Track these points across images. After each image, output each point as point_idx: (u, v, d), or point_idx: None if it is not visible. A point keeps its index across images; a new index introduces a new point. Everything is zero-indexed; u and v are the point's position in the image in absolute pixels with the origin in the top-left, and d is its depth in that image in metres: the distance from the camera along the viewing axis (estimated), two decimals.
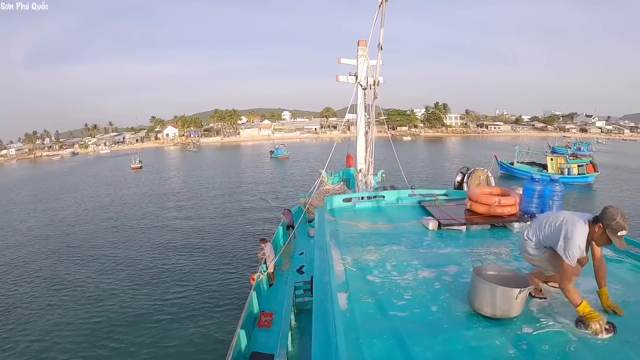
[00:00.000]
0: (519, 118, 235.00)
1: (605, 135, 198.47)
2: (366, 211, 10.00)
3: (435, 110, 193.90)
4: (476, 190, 9.52)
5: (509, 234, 8.17)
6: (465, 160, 75.21)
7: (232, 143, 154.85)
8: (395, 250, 7.02)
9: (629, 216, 15.94)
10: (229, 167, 70.73)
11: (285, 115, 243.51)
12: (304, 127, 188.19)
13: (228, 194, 43.81)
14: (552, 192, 8.49)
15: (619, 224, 4.17)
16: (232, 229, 29.22)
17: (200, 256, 23.83)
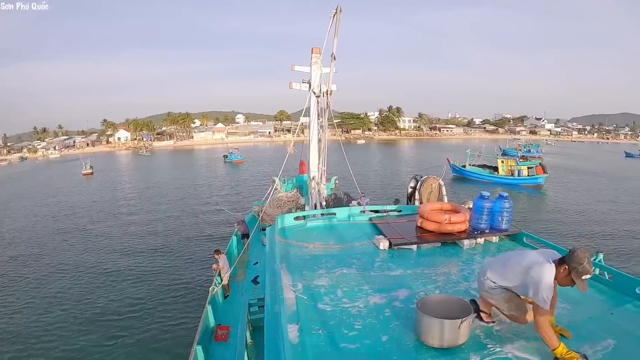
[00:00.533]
0: (471, 121, 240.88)
1: (554, 137, 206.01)
2: (317, 230, 9.94)
3: (389, 113, 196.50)
4: (427, 207, 9.65)
5: (459, 251, 8.38)
6: (418, 164, 76.72)
7: (186, 147, 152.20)
8: (347, 273, 7.02)
9: (577, 216, 16.80)
10: (183, 173, 69.35)
11: (239, 118, 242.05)
12: (257, 131, 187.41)
13: (181, 201, 42.89)
14: (502, 208, 8.79)
15: (585, 268, 4.17)
16: (187, 239, 28.59)
17: (153, 270, 23.17)
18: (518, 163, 55.26)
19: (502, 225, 8.87)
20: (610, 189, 54.29)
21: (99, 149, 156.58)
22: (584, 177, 64.68)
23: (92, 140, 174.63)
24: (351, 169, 18.82)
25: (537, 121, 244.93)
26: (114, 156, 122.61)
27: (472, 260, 7.90)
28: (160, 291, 20.09)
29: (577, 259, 4.18)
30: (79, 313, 18.38)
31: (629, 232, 31.97)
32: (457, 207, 9.71)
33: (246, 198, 41.63)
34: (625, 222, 35.38)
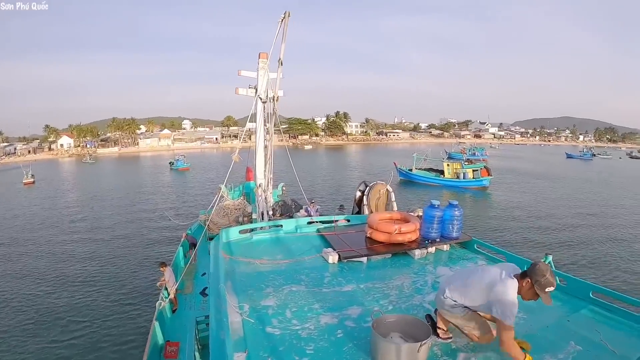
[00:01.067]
0: (417, 126, 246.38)
1: (498, 141, 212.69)
2: (264, 243, 9.73)
3: (336, 118, 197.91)
4: (376, 217, 9.60)
5: (410, 262, 8.40)
6: (366, 169, 77.53)
7: (131, 154, 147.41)
8: (295, 291, 6.83)
9: (522, 217, 17.40)
10: (127, 181, 66.74)
11: (185, 124, 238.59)
12: (204, 137, 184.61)
13: (126, 211, 41.14)
14: (452, 217, 8.98)
15: (548, 280, 4.21)
16: (131, 252, 27.32)
17: (96, 284, 22.01)
18: (463, 166, 56.94)
19: (453, 233, 9.05)
20: (553, 189, 56.88)
21: (41, 156, 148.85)
22: (528, 179, 67.23)
23: (33, 147, 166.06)
24: (298, 175, 18.71)
25: (481, 125, 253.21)
26: (56, 164, 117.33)
27: (424, 270, 7.96)
28: (105, 307, 19.13)
29: (539, 272, 4.25)
30: (11, 333, 17.24)
31: (574, 231, 33.35)
32: (406, 216, 9.75)
33: (192, 207, 40.73)
34: (570, 221, 36.96)
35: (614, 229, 34.57)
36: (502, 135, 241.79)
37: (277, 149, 17.80)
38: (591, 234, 32.75)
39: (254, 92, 16.80)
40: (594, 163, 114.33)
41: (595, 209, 43.06)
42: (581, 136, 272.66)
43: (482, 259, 8.67)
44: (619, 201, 49.07)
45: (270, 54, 15.56)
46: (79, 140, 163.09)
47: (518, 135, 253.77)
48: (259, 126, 17.18)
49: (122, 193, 53.13)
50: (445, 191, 52.85)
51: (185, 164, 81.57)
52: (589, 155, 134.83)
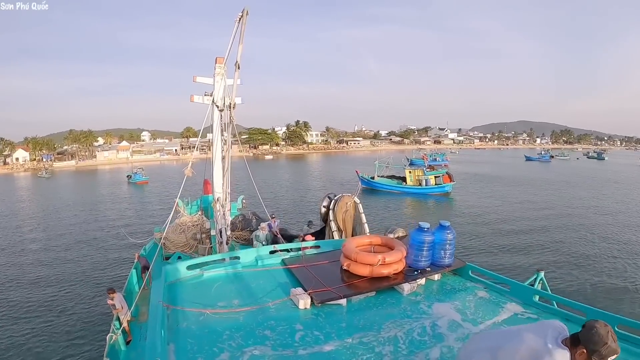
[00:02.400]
0: (377, 133, 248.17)
1: (458, 146, 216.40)
2: (218, 282, 8.17)
3: (297, 128, 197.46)
4: (352, 243, 8.29)
5: (399, 299, 7.15)
6: (329, 178, 76.89)
7: (89, 167, 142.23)
8: (259, 356, 5.45)
9: (488, 222, 16.57)
10: (83, 196, 63.61)
11: (144, 136, 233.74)
12: (163, 149, 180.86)
13: (80, 230, 38.69)
14: (444, 240, 7.88)
15: (611, 349, 3.04)
16: (84, 276, 25.40)
17: (41, 317, 19.76)
18: (425, 173, 57.01)
19: (445, 259, 7.98)
20: (516, 192, 57.83)
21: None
22: (490, 183, 68.40)
23: None
24: (258, 187, 17.10)
25: (441, 131, 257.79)
26: (10, 179, 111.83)
27: (418, 311, 6.80)
28: (50, 341, 17.42)
29: (598, 339, 3.06)
30: None
31: (544, 233, 33.56)
32: (388, 241, 8.64)
33: (150, 223, 38.95)
34: (537, 223, 37.35)
35: (584, 229, 34.98)
36: (462, 141, 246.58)
37: (236, 160, 16.87)
38: (563, 234, 32.96)
39: (210, 99, 15.75)
40: (553, 165, 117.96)
41: (560, 209, 43.70)
42: (538, 139, 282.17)
43: (480, 289, 7.64)
44: (585, 201, 50.03)
45: (226, 58, 14.56)
46: (34, 153, 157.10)
47: (477, 140, 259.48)
48: (216, 136, 16.11)
49: (77, 210, 50.63)
50: (407, 198, 52.75)
51: (144, 177, 79.25)
52: (547, 157, 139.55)
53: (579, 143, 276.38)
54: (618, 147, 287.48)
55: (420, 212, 45.47)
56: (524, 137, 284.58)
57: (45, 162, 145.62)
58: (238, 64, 12.54)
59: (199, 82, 16.48)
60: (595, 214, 41.51)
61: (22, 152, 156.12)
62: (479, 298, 7.25)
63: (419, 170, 57.94)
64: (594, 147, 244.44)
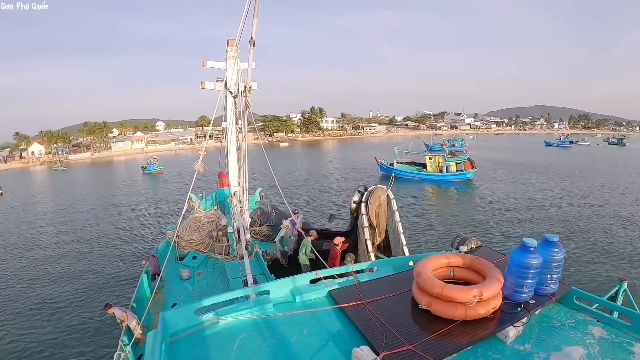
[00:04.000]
0: (393, 119, 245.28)
1: (475, 131, 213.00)
2: (241, 334, 5.70)
3: (312, 114, 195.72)
4: (426, 268, 6.02)
5: (505, 354, 5.06)
6: (347, 165, 75.17)
7: (104, 159, 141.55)
8: None
9: (514, 210, 14.58)
10: (98, 189, 62.21)
11: (159, 126, 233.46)
12: (178, 138, 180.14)
13: (94, 225, 37.53)
14: (551, 262, 5.78)
15: None
16: (96, 273, 23.94)
17: (50, 316, 18.55)
18: (446, 159, 55.13)
19: (550, 286, 5.95)
20: (540, 180, 55.56)
21: (11, 165, 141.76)
22: (512, 169, 66.21)
23: (4, 156, 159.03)
24: (277, 179, 15.71)
25: (457, 116, 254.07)
26: (27, 173, 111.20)
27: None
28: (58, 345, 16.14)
29: None
30: None
31: (576, 222, 31.85)
32: (474, 261, 6.33)
33: (165, 214, 37.71)
34: (567, 211, 35.53)
35: (619, 218, 33.19)
36: (479, 126, 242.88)
37: (252, 148, 15.41)
38: (597, 225, 31.23)
39: (222, 85, 14.24)
40: (574, 151, 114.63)
41: (590, 198, 41.68)
42: (556, 124, 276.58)
43: (593, 323, 5.60)
44: (613, 189, 47.98)
45: (239, 37, 12.91)
46: (50, 147, 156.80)
47: (494, 125, 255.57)
48: (230, 125, 14.62)
49: (91, 204, 49.12)
50: (428, 186, 51.01)
51: (158, 168, 78.16)
52: (567, 142, 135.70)
53: (597, 128, 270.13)
54: (637, 132, 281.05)
55: (442, 201, 43.99)
56: (541, 122, 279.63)
57: (60, 155, 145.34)
58: (253, 40, 10.88)
59: (210, 67, 14.99)
60: None
61: (38, 146, 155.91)
62: (598, 339, 5.24)
63: (440, 157, 56.00)
64: (613, 132, 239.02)
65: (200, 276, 14.68)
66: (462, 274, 6.37)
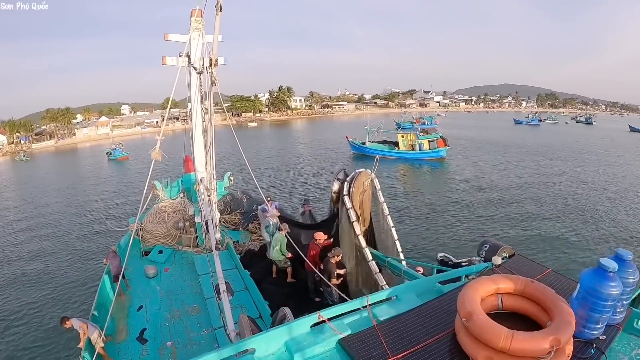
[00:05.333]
0: (361, 97, 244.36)
1: (444, 109, 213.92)
2: None
3: (280, 94, 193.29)
4: (474, 301, 4.43)
5: None
6: (317, 145, 74.08)
7: (68, 146, 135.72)
8: None
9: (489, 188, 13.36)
10: (63, 179, 58.15)
11: (124, 109, 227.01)
12: (144, 122, 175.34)
13: (57, 218, 34.60)
14: (624, 285, 4.45)
15: None
16: (58, 280, 21.00)
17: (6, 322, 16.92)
18: (419, 137, 54.46)
19: (619, 315, 4.77)
20: (512, 157, 55.80)
21: None
22: (483, 147, 66.27)
23: None
24: (248, 161, 13.07)
25: (426, 94, 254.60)
26: None
27: None
28: None
29: None
30: None
31: (551, 201, 31.68)
32: (527, 285, 4.73)
33: (133, 205, 34.53)
34: (542, 190, 35.41)
35: (590, 196, 33.06)
36: (447, 104, 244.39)
37: (220, 129, 14.03)
38: (574, 203, 31.00)
39: (186, 60, 12.79)
40: (543, 129, 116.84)
41: (559, 177, 41.55)
42: (524, 102, 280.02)
43: None
44: (590, 167, 48.26)
45: (205, 8, 11.53)
46: (12, 136, 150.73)
47: (463, 103, 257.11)
48: (195, 104, 13.19)
49: (55, 196, 44.98)
50: (401, 164, 50.30)
51: (124, 153, 75.45)
52: (537, 121, 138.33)
53: (565, 107, 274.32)
54: (603, 111, 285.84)
55: (417, 180, 43.35)
56: (509, 100, 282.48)
57: (23, 145, 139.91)
58: (220, 4, 9.49)
59: (172, 41, 13.52)
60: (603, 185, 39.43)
61: (0, 136, 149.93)
62: None
63: (412, 135, 55.35)
64: (580, 111, 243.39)
65: (168, 272, 13.41)
66: (514, 304, 4.83)
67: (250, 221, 18.00)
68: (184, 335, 10.09)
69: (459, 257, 18.53)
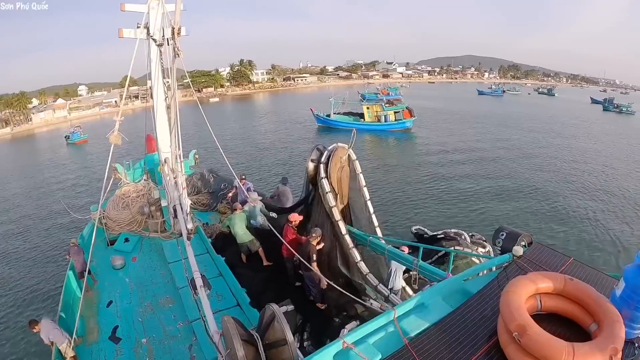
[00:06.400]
0: (324, 69, 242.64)
1: (407, 80, 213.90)
2: None
3: (241, 67, 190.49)
4: (520, 307, 3.88)
5: None
6: (282, 118, 72.89)
7: (25, 132, 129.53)
8: None
9: (457, 160, 12.80)
10: (20, 168, 54.44)
11: (81, 90, 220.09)
12: (102, 102, 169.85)
13: (17, 214, 31.33)
14: None
15: None
16: (20, 283, 19.10)
17: None
18: (384, 108, 54.27)
19: None
20: (477, 128, 56.20)
21: None
22: (450, 118, 66.96)
23: None
24: (216, 137, 12.28)
25: (389, 65, 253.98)
26: None
27: None
28: None
29: None
30: None
31: (514, 171, 31.77)
32: (570, 286, 4.21)
33: (94, 192, 32.28)
34: (506, 163, 35.66)
35: (560, 167, 33.48)
36: (410, 75, 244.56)
37: (182, 106, 13.13)
38: (537, 172, 31.24)
39: (145, 32, 11.77)
40: (506, 99, 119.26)
41: (531, 150, 41.99)
42: (486, 73, 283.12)
43: None
44: (558, 138, 48.84)
45: None
46: None
47: (426, 74, 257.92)
48: (156, 80, 12.22)
49: (12, 187, 42.05)
50: (366, 136, 49.87)
51: (82, 136, 72.52)
52: (500, 91, 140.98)
53: (526, 79, 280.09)
54: (564, 83, 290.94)
55: (384, 152, 43.18)
56: (472, 71, 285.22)
57: None
58: None
59: (129, 12, 12.43)
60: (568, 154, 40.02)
61: None
62: None
63: (378, 106, 55.18)
64: (542, 82, 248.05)
65: (136, 262, 12.57)
66: (553, 304, 4.32)
67: (219, 201, 17.31)
68: (158, 330, 9.43)
69: (434, 230, 18.38)
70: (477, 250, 15.43)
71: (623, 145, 46.24)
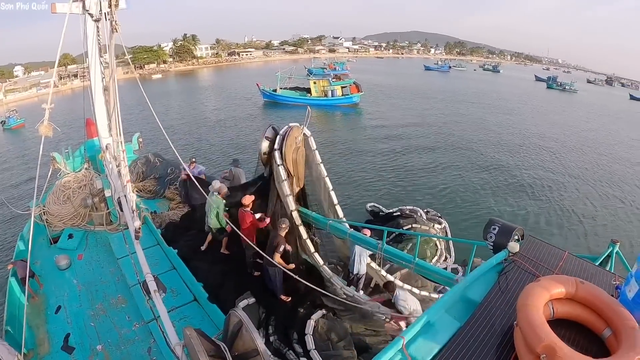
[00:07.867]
0: (269, 43, 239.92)
1: (354, 55, 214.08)
2: None
3: (184, 42, 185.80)
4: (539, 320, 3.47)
5: None
6: (227, 94, 71.09)
7: None
8: None
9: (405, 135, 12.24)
10: None
11: (17, 71, 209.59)
12: (40, 82, 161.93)
13: None
14: None
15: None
16: None
17: None
18: (331, 83, 53.94)
19: None
20: (424, 103, 56.85)
21: None
22: (397, 93, 67.24)
23: None
24: (158, 118, 10.83)
25: (335, 40, 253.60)
26: None
27: None
28: None
29: None
30: None
31: (460, 141, 31.89)
32: (582, 289, 3.88)
33: (34, 183, 29.29)
34: (447, 137, 36.27)
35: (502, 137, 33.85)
36: (357, 49, 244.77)
37: (122, 84, 12.06)
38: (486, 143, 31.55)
39: (80, 6, 10.65)
40: (453, 75, 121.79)
41: (479, 123, 42.48)
42: (432, 49, 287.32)
43: None
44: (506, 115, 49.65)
45: None
46: None
47: (372, 49, 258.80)
48: (93, 58, 11.15)
49: None
50: (313, 111, 49.14)
51: (19, 120, 68.21)
52: (446, 67, 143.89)
53: (472, 55, 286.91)
54: (509, 61, 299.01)
55: (331, 127, 42.74)
56: (418, 47, 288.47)
57: None
58: None
59: None
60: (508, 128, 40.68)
61: None
62: None
63: (325, 81, 54.77)
64: (487, 59, 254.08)
65: (83, 259, 11.56)
66: (566, 310, 3.96)
67: (166, 186, 16.46)
68: (114, 334, 8.69)
69: (388, 207, 18.13)
70: (434, 227, 15.27)
71: (572, 120, 47.64)
